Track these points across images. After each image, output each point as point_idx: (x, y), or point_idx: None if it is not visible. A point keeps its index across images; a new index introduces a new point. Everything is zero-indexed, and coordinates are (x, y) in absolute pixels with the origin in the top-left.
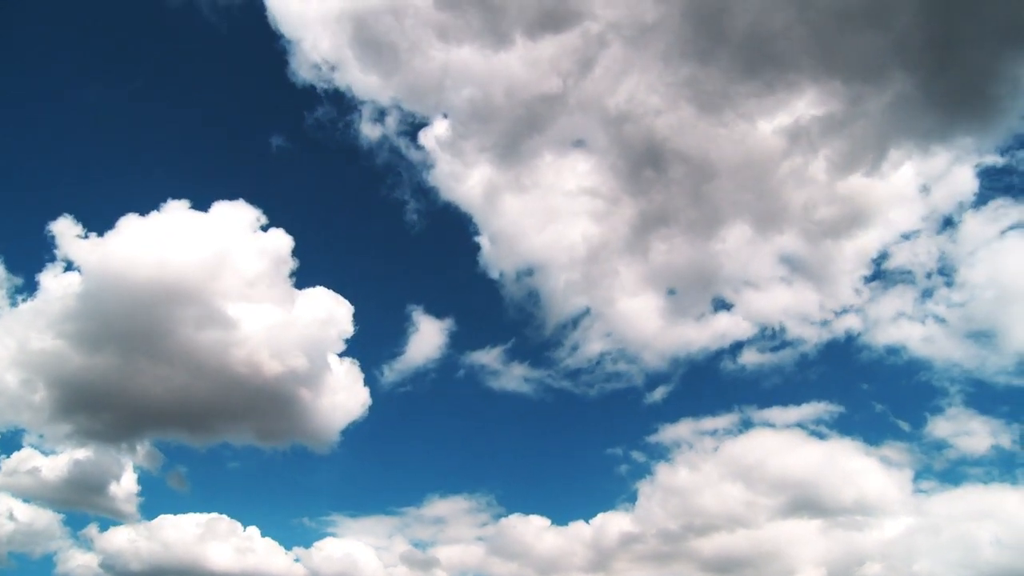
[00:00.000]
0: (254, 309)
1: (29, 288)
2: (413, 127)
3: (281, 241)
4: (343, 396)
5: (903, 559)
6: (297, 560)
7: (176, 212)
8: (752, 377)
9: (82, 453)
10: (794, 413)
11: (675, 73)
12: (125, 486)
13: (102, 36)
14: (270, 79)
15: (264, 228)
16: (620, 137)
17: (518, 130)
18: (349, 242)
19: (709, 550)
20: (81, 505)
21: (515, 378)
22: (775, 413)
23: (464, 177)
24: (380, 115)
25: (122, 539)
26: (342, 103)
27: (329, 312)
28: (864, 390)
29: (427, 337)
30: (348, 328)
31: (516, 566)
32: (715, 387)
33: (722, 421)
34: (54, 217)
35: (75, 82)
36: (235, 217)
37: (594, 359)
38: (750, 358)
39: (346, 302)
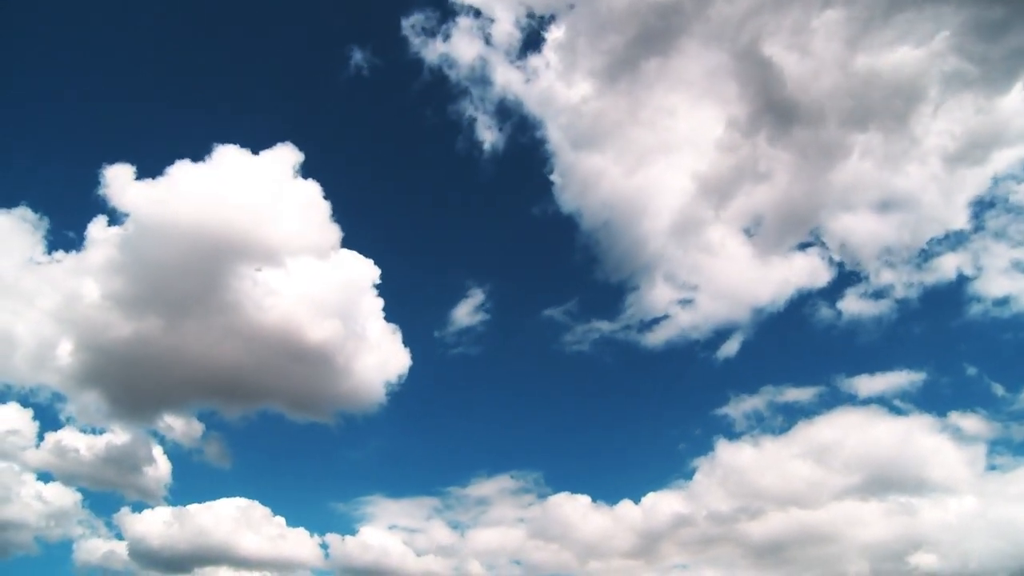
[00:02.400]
0: (294, 264)
1: (76, 240)
2: (523, 36)
3: (323, 191)
4: (383, 354)
5: (958, 546)
6: (323, 546)
7: (227, 157)
8: (848, 328)
9: (117, 431)
10: (880, 382)
11: (808, 9)
12: (157, 469)
13: None
14: None
15: (306, 176)
16: (745, 75)
17: (636, 52)
18: (409, 179)
19: (760, 534)
20: (114, 486)
21: (576, 333)
22: (862, 382)
23: (565, 98)
24: (487, 22)
25: (150, 523)
26: (445, 6)
27: (370, 266)
28: (959, 350)
29: (477, 291)
30: (390, 284)
31: (555, 550)
32: (802, 344)
33: (804, 393)
34: (106, 164)
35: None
36: (282, 164)
37: (666, 314)
38: (850, 305)
39: (390, 255)
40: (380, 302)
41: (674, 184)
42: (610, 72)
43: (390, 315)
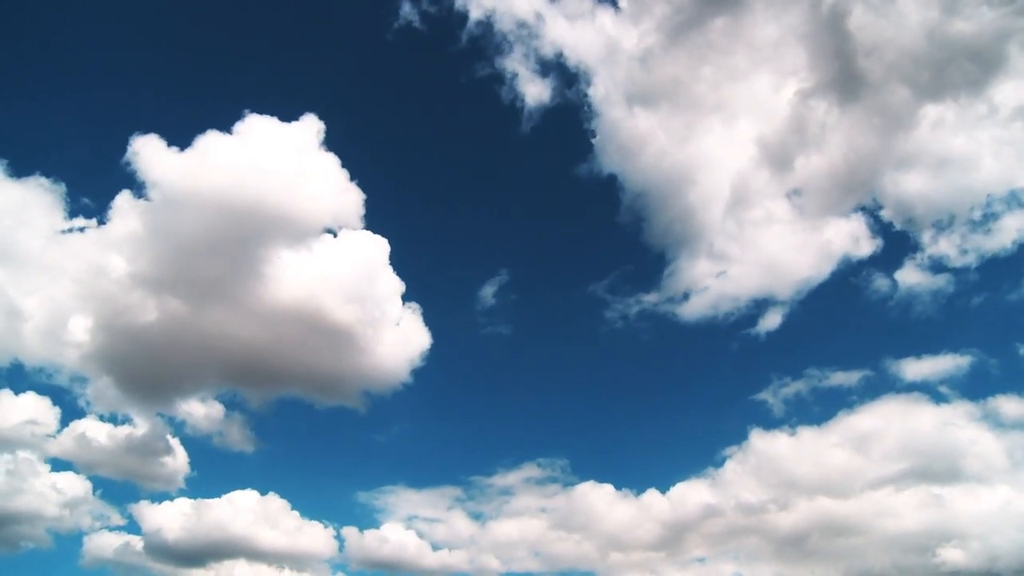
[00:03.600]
0: (317, 241)
1: (99, 212)
2: None
3: (348, 164)
4: (404, 335)
5: (987, 539)
6: (340, 539)
7: (256, 127)
8: (901, 301)
9: (136, 420)
10: (927, 366)
11: None
12: (175, 459)
13: None
14: None
15: (331, 148)
16: (817, 40)
17: (704, 9)
18: (439, 145)
19: (787, 525)
20: (130, 477)
21: (613, 309)
22: (909, 366)
23: (624, 51)
24: None
25: (166, 515)
26: None
27: (393, 242)
28: (1013, 327)
29: (505, 266)
30: (413, 260)
31: (576, 541)
32: (849, 321)
33: (849, 377)
34: (134, 136)
35: None
36: (309, 135)
37: (706, 288)
38: (905, 277)
39: (416, 228)
40: (402, 279)
41: (728, 149)
42: (675, 27)
43: (414, 293)
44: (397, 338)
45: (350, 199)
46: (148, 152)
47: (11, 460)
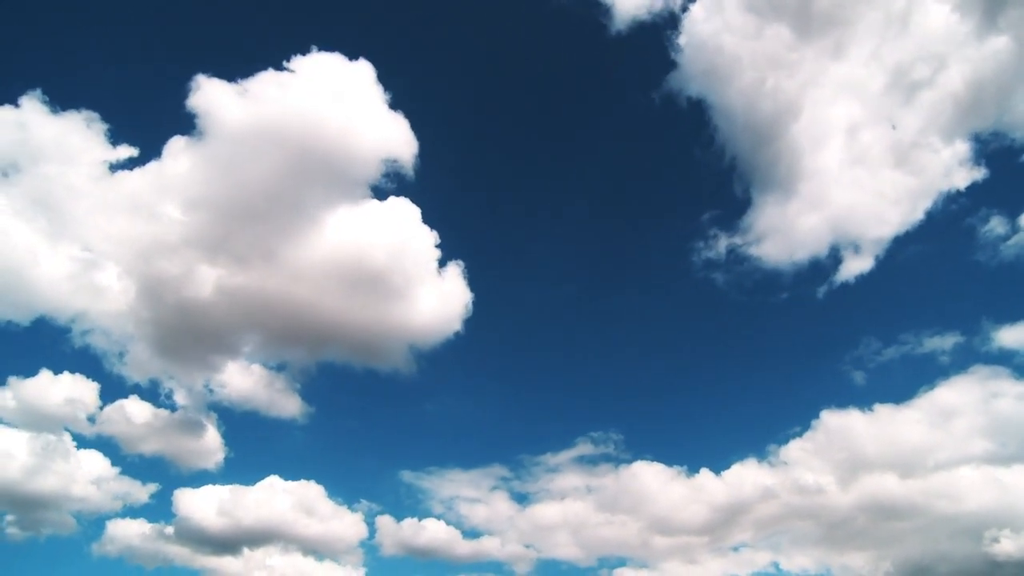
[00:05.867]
0: (367, 196)
1: (147, 152)
2: None
3: (403, 105)
4: (450, 294)
5: None
6: (370, 523)
7: (314, 65)
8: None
9: (176, 391)
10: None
11: None
12: (210, 442)
13: None
14: None
15: (387, 87)
16: None
17: None
18: (499, 74)
19: (845, 506)
20: (164, 461)
21: (696, 256)
22: (1004, 333)
23: None
24: None
25: (200, 500)
26: None
27: (442, 194)
28: None
29: (566, 214)
30: (461, 213)
31: (621, 523)
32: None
33: (944, 342)
34: (186, 73)
35: None
36: (364, 75)
37: (788, 239)
38: None
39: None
40: (448, 233)
41: (843, 75)
42: None
43: (463, 248)
44: (445, 293)
45: (403, 145)
46: (202, 91)
47: (50, 441)
